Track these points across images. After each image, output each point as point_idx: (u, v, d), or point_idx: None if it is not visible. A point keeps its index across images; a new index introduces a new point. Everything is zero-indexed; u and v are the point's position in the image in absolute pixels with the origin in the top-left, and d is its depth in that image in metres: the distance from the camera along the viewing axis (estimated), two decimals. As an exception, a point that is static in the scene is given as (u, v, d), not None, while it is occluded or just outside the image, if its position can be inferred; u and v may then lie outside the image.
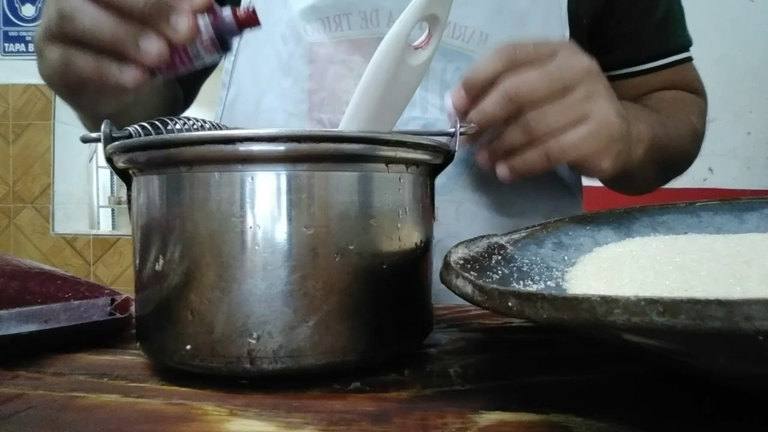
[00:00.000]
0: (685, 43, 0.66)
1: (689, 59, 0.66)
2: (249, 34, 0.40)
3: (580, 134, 0.43)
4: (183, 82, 0.67)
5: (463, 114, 0.44)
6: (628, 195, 0.65)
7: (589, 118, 0.43)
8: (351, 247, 0.28)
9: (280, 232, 0.27)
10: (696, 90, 0.68)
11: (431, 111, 0.56)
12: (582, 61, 0.44)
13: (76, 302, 0.36)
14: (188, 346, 0.28)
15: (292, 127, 0.55)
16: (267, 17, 0.59)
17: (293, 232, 0.27)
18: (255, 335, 0.27)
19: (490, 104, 0.42)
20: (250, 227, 0.27)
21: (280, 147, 0.27)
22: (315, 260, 0.27)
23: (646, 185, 0.64)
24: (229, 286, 0.27)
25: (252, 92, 0.60)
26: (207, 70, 0.69)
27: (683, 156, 0.62)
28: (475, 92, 0.43)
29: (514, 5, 0.55)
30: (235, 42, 0.42)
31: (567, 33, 0.57)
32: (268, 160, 0.27)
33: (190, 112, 0.53)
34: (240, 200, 0.27)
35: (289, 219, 0.27)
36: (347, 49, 0.55)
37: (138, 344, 0.32)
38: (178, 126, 0.35)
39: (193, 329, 0.28)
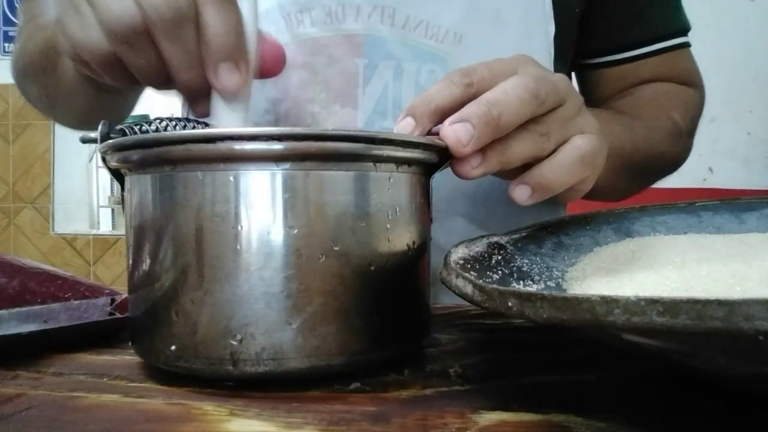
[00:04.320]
0: (679, 28, 0.60)
1: (684, 45, 0.61)
2: None
3: (569, 161, 0.35)
4: None
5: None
6: (602, 202, 0.60)
7: (574, 141, 0.36)
8: (336, 248, 0.27)
9: (264, 233, 0.27)
10: (689, 81, 0.62)
11: None
12: (554, 75, 0.36)
13: (76, 302, 0.36)
14: (173, 347, 0.28)
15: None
16: None
17: (278, 232, 0.27)
18: (238, 337, 0.27)
19: (463, 130, 0.32)
20: (232, 227, 0.27)
21: (262, 146, 0.26)
22: (299, 261, 0.27)
23: (617, 193, 0.59)
24: (212, 287, 0.27)
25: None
26: None
27: (658, 159, 0.57)
28: (430, 119, 0.34)
29: (490, 1, 0.52)
30: None
31: (552, 29, 0.54)
32: (250, 159, 0.27)
33: (166, 111, 0.52)
34: (223, 200, 0.27)
35: (273, 219, 0.27)
36: (310, 50, 0.51)
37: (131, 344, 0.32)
38: (170, 126, 0.35)
39: (178, 330, 0.28)
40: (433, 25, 0.51)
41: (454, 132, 0.32)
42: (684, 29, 0.61)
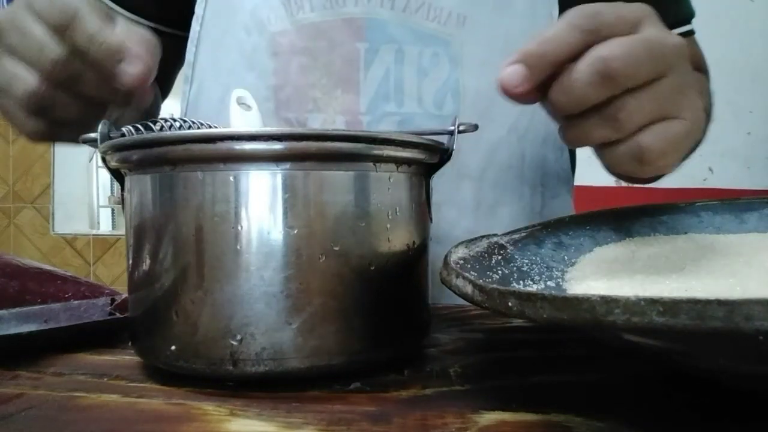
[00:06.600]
0: (687, 15, 0.59)
1: (690, 33, 0.60)
2: (211, 24, 0.39)
3: (673, 133, 0.32)
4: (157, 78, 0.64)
5: (522, 95, 0.31)
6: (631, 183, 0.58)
7: (682, 114, 0.32)
8: (336, 248, 0.27)
9: (264, 233, 0.27)
10: (698, 67, 0.60)
11: (408, 104, 0.51)
12: (673, 37, 0.32)
13: (76, 302, 0.36)
14: (173, 347, 0.28)
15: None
16: (228, 5, 0.54)
17: (278, 232, 0.27)
18: (238, 337, 0.27)
19: (580, 84, 0.30)
20: (232, 227, 0.27)
21: (262, 146, 0.26)
22: (299, 261, 0.27)
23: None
24: (212, 287, 0.27)
25: (215, 88, 0.56)
26: (179, 61, 0.62)
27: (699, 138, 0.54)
28: (544, 70, 0.31)
29: None
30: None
31: (555, 13, 0.53)
32: (250, 159, 0.27)
33: (166, 111, 0.52)
34: (223, 200, 0.27)
35: (273, 219, 0.27)
36: (310, 35, 0.51)
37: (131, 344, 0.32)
38: (173, 126, 0.35)
39: (178, 330, 0.28)
40: (435, 7, 0.51)
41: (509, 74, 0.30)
42: (691, 15, 0.60)
